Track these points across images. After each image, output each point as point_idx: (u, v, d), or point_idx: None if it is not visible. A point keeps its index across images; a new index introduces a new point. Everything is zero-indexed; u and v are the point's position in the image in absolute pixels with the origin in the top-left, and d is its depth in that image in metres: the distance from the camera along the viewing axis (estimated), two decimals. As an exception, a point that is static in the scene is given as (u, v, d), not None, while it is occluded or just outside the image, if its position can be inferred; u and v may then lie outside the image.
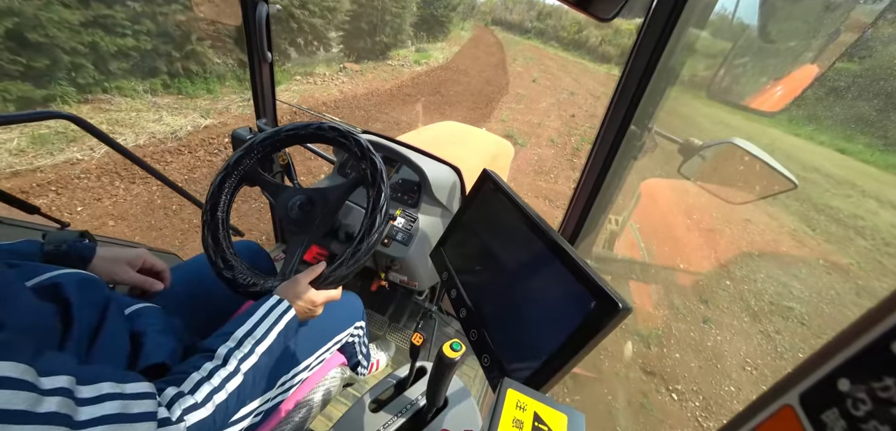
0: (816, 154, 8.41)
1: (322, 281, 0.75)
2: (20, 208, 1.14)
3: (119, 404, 0.41)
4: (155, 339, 0.61)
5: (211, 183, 0.86)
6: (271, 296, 0.69)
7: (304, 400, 0.90)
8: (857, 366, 0.20)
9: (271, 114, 1.56)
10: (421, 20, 15.57)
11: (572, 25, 22.48)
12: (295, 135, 0.90)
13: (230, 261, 0.79)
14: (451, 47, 15.42)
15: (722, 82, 1.03)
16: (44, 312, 0.48)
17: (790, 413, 0.23)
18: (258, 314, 0.65)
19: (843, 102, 9.00)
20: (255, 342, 0.61)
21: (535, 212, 0.67)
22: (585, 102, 10.79)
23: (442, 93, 9.19)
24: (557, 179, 5.46)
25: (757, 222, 4.97)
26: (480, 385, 1.49)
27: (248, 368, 0.58)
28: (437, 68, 11.56)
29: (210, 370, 0.55)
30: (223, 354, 0.57)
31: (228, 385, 0.55)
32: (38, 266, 0.56)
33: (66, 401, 0.37)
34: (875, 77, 8.49)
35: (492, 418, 0.40)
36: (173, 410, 0.48)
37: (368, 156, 0.82)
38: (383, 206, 0.78)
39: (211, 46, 6.12)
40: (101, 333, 0.54)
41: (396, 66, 10.75)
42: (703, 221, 4.75)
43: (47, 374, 0.37)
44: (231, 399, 0.55)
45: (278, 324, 0.65)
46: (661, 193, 4.80)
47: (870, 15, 0.82)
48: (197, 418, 0.50)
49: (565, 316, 0.53)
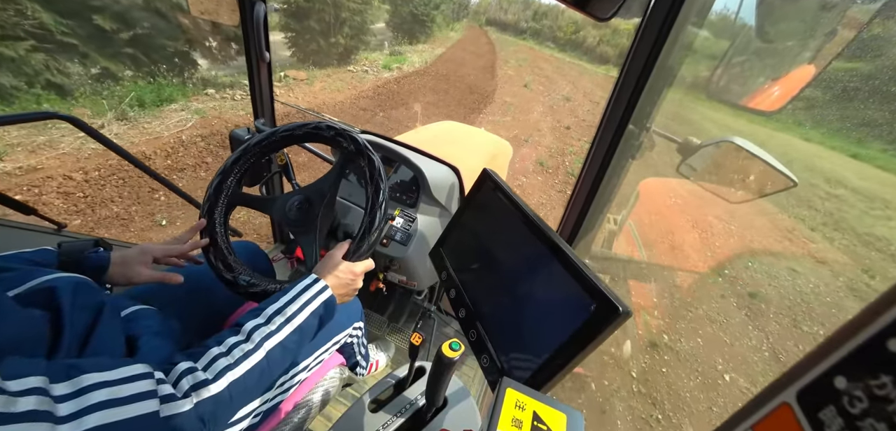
0: (834, 162, 7.90)
1: (352, 255, 0.75)
2: (17, 210, 1.14)
3: (107, 391, 0.40)
4: (150, 342, 0.61)
5: (208, 186, 0.86)
6: (308, 276, 0.67)
7: (303, 401, 0.89)
8: (854, 364, 0.20)
9: (269, 114, 1.56)
10: (399, 19, 14.25)
11: (569, 25, 22.29)
12: (290, 136, 0.90)
13: (229, 262, 0.79)
14: (435, 49, 14.00)
15: (720, 81, 1.03)
16: (29, 320, 0.47)
17: (787, 410, 0.23)
18: (293, 292, 0.63)
19: (853, 104, 8.67)
20: (284, 319, 0.59)
21: (534, 212, 0.67)
22: (582, 109, 9.63)
23: (409, 105, 7.72)
24: (546, 220, 4.76)
25: (803, 271, 4.04)
26: (479, 384, 1.49)
27: (272, 345, 0.56)
28: (411, 74, 9.91)
29: (231, 345, 0.53)
30: (248, 329, 0.56)
31: (246, 362, 0.53)
32: (32, 270, 0.56)
33: (42, 399, 0.35)
34: (886, 77, 8.17)
35: (491, 417, 0.40)
36: (180, 385, 0.46)
37: (366, 153, 0.83)
38: (379, 169, 0.80)
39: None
40: (93, 337, 0.53)
41: (358, 73, 9.05)
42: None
43: (12, 378, 0.35)
44: (250, 376, 0.53)
45: (313, 303, 0.64)
46: (660, 192, 4.80)
47: (866, 14, 0.83)
48: (208, 393, 0.47)
49: (565, 317, 0.53)
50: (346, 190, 1.39)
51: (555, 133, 7.33)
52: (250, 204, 0.91)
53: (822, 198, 6.03)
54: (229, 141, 1.41)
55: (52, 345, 0.48)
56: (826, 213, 5.53)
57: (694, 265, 3.94)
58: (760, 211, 5.30)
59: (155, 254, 0.77)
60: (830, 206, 5.75)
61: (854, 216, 5.51)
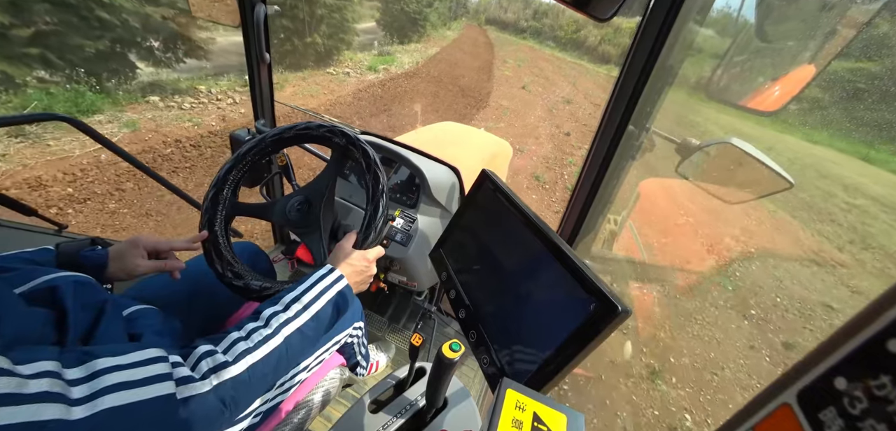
0: (848, 168, 7.45)
1: (362, 243, 0.76)
2: (17, 210, 1.14)
3: (120, 374, 0.40)
4: (151, 341, 0.60)
5: (204, 197, 0.86)
6: (324, 266, 0.68)
7: (303, 401, 0.89)
8: (854, 365, 0.20)
9: (270, 115, 1.56)
10: (390, 17, 13.59)
11: (570, 24, 22.10)
12: (280, 139, 0.90)
13: (237, 270, 0.80)
14: (428, 49, 13.34)
15: (720, 81, 1.03)
16: (35, 318, 0.47)
17: (788, 411, 0.23)
18: (310, 280, 0.64)
19: (862, 105, 8.39)
20: (302, 307, 0.60)
21: (534, 212, 0.67)
22: (584, 113, 9.10)
23: (392, 111, 6.99)
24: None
25: (840, 308, 3.54)
26: (480, 385, 1.49)
27: (290, 331, 0.57)
28: (398, 76, 9.21)
29: (250, 330, 0.53)
30: (267, 315, 0.56)
31: (264, 347, 0.53)
32: (34, 269, 0.56)
33: (54, 381, 0.35)
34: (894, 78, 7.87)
35: (491, 418, 0.40)
36: (199, 367, 0.46)
37: (359, 145, 0.83)
38: (375, 159, 0.81)
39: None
40: (95, 336, 0.53)
41: (338, 76, 8.31)
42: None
43: (24, 363, 0.35)
44: (268, 361, 0.53)
45: (329, 292, 0.65)
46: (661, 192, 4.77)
47: (866, 14, 0.83)
48: (228, 375, 0.47)
49: (565, 317, 0.53)
50: (347, 190, 1.39)
51: (553, 141, 6.79)
52: (250, 213, 0.91)
53: (843, 210, 5.62)
54: (230, 142, 1.42)
55: (57, 341, 0.48)
56: (850, 228, 5.14)
57: (715, 301, 3.38)
58: (779, 227, 4.97)
59: (146, 245, 0.77)
60: (853, 219, 5.37)
61: (880, 230, 5.13)
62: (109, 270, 0.71)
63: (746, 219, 4.90)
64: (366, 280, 0.76)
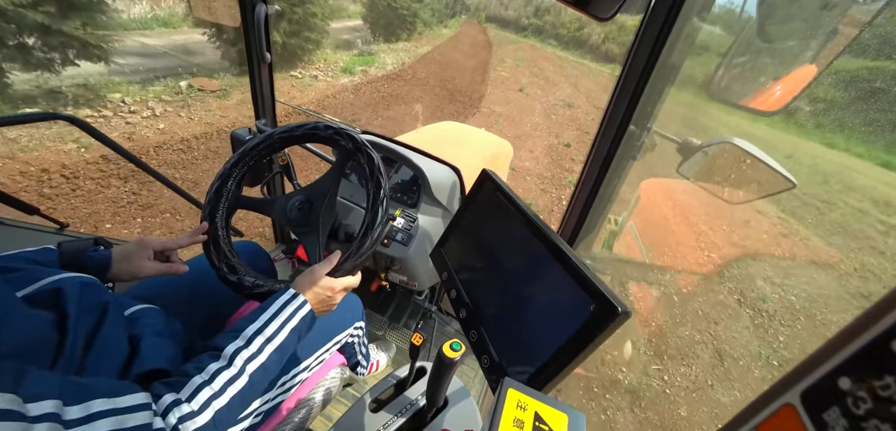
0: (870, 176, 7.00)
1: (337, 270, 0.73)
2: (19, 209, 1.14)
3: (113, 420, 0.41)
4: (152, 342, 0.61)
5: (208, 190, 0.86)
6: (286, 290, 0.67)
7: (304, 400, 0.90)
8: (858, 365, 0.20)
9: (271, 114, 1.56)
10: (376, 14, 12.68)
11: (572, 22, 21.74)
12: (289, 137, 0.90)
13: (232, 264, 0.79)
14: (418, 48, 12.49)
15: (721, 81, 1.03)
16: (37, 322, 0.48)
17: (791, 411, 0.23)
18: (272, 309, 0.63)
19: (877, 106, 8.03)
20: (265, 340, 0.59)
21: (534, 213, 0.67)
22: (586, 118, 8.40)
23: (364, 121, 6.11)
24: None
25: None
26: (480, 385, 1.49)
27: (254, 368, 0.57)
28: (377, 79, 8.24)
29: (213, 372, 0.53)
30: (230, 353, 0.56)
31: (230, 388, 0.53)
32: (38, 270, 0.56)
33: (54, 426, 0.36)
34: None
35: (492, 417, 0.40)
36: (169, 418, 0.47)
37: (365, 150, 0.83)
38: (379, 166, 0.80)
39: None
40: (97, 337, 0.53)
41: (303, 79, 7.39)
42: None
43: (33, 400, 0.36)
44: (234, 402, 0.54)
45: (292, 320, 0.64)
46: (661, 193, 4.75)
47: (867, 14, 0.82)
48: (194, 426, 0.48)
49: (565, 318, 0.53)
50: (348, 190, 1.39)
51: (551, 154, 5.95)
52: (251, 207, 0.91)
53: (880, 232, 5.09)
54: (231, 142, 1.42)
55: (58, 346, 0.48)
56: (894, 257, 4.51)
57: (754, 347, 2.92)
58: (814, 255, 4.30)
59: (154, 247, 0.77)
60: (894, 245, 4.78)
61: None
62: (114, 271, 0.71)
63: (778, 248, 4.42)
64: (328, 308, 0.73)
